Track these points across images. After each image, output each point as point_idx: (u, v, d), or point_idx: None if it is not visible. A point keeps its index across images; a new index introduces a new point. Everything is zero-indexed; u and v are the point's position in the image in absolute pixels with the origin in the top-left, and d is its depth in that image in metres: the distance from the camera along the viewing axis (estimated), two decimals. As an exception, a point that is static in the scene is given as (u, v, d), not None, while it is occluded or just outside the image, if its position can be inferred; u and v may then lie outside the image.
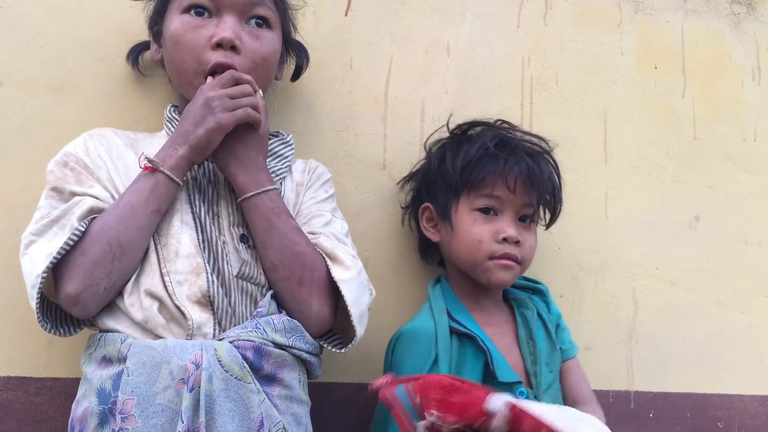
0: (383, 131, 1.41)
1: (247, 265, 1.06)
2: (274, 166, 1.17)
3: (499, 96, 1.47)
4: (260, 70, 1.14)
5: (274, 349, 1.01)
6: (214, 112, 1.04)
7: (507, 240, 1.20)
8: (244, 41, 1.12)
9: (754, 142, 1.58)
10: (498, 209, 1.22)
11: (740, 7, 1.63)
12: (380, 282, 1.35)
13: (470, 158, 1.22)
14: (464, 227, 1.23)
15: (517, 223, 1.23)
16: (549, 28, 1.52)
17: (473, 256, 1.22)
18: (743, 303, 1.52)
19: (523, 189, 1.21)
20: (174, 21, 1.12)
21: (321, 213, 1.16)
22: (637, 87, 1.54)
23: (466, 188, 1.23)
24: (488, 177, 1.21)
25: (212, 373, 0.94)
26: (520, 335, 1.24)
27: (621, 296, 1.47)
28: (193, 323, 1.00)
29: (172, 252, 1.03)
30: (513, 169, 1.20)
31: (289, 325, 1.04)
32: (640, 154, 1.52)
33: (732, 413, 1.48)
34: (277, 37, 1.18)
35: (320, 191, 1.21)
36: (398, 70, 1.43)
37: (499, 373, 1.14)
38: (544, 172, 1.24)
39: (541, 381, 1.19)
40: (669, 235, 1.51)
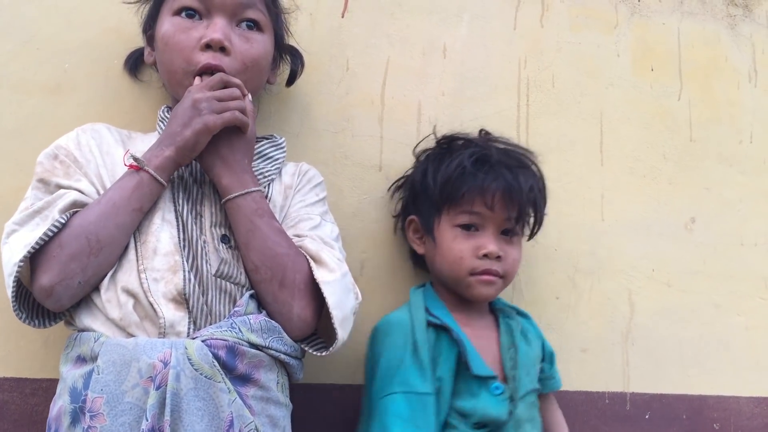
0: (379, 133, 1.41)
1: (226, 264, 1.06)
2: (262, 168, 1.17)
3: (496, 98, 1.48)
4: (250, 72, 1.13)
5: (248, 349, 1.00)
6: (201, 113, 1.04)
7: (488, 256, 1.20)
8: (234, 43, 1.12)
9: (750, 143, 1.58)
10: (479, 225, 1.22)
11: (736, 9, 1.63)
12: (376, 284, 1.35)
13: (449, 176, 1.22)
14: (446, 243, 1.23)
15: (499, 237, 1.23)
16: (545, 29, 1.52)
17: (455, 273, 1.23)
18: (739, 305, 1.52)
19: (503, 204, 1.21)
20: (165, 23, 1.13)
21: (309, 216, 1.15)
22: (633, 89, 1.55)
23: (446, 205, 1.23)
24: (467, 194, 1.21)
25: (180, 371, 0.93)
26: (502, 341, 1.24)
27: (617, 298, 1.47)
28: (165, 321, 0.99)
29: (151, 249, 1.03)
30: (491, 186, 1.20)
31: (266, 325, 1.03)
32: (637, 155, 1.53)
33: (728, 415, 1.48)
34: (269, 40, 1.18)
35: (310, 194, 1.20)
36: (395, 72, 1.43)
37: (473, 365, 1.16)
38: (524, 186, 1.22)
39: (519, 386, 1.19)
40: (665, 236, 1.51)
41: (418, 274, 1.38)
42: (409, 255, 1.37)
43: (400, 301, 1.31)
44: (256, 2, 1.14)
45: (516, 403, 1.18)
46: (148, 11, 1.20)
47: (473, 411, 1.14)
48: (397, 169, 1.40)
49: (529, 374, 1.23)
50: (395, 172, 1.40)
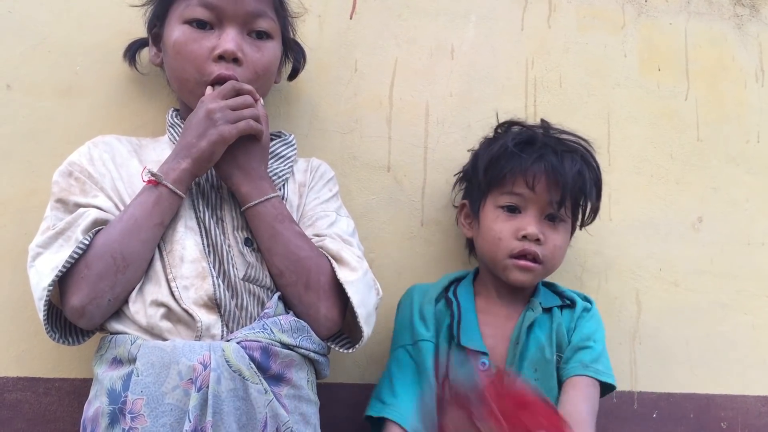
0: (388, 133, 1.42)
1: (253, 268, 1.08)
2: (276, 168, 1.18)
3: (503, 98, 1.48)
4: (261, 80, 1.15)
5: (281, 350, 1.02)
6: (216, 124, 1.05)
7: (527, 237, 1.21)
8: (246, 53, 1.13)
9: (758, 143, 1.58)
10: (521, 207, 1.23)
11: (743, 9, 1.63)
12: (384, 284, 1.33)
13: (492, 156, 1.25)
14: (487, 224, 1.25)
15: (542, 221, 1.23)
16: (552, 30, 1.53)
17: (493, 254, 1.24)
18: (746, 304, 1.52)
19: (545, 187, 1.21)
20: (175, 30, 1.13)
21: (326, 213, 1.17)
22: (640, 89, 1.55)
23: (490, 186, 1.25)
24: (509, 175, 1.22)
25: (220, 373, 0.95)
26: (512, 334, 1.24)
27: (624, 297, 1.48)
28: (201, 325, 1.01)
29: (177, 257, 1.05)
30: (533, 167, 1.21)
31: (295, 325, 1.05)
32: (644, 155, 1.53)
33: (735, 414, 1.48)
34: (278, 45, 1.19)
35: (324, 190, 1.21)
36: (403, 73, 1.44)
37: (463, 336, 1.21)
38: (569, 169, 1.22)
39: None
40: (672, 236, 1.51)
41: (426, 273, 1.39)
42: (465, 242, 1.39)
43: (409, 301, 1.32)
44: (266, 11, 1.15)
45: None
46: (153, 10, 1.20)
47: (455, 380, 1.18)
48: (405, 170, 1.41)
49: (540, 371, 1.22)
50: (403, 172, 1.41)
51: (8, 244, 1.19)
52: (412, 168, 1.41)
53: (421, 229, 1.40)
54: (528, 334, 1.24)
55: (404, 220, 1.40)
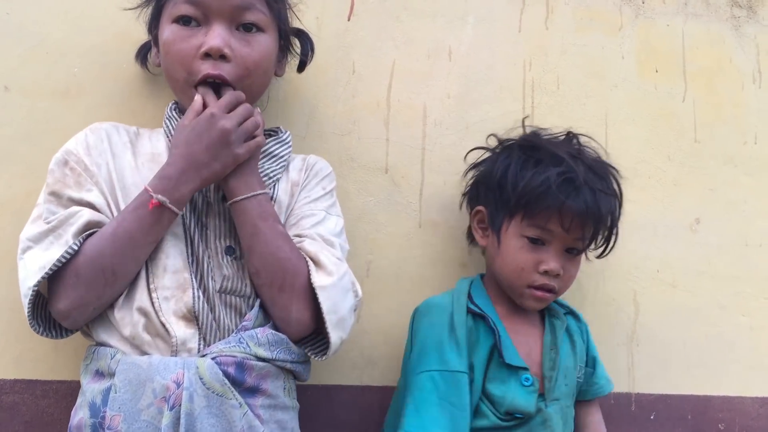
0: (385, 135, 1.42)
1: (229, 280, 1.07)
2: (267, 168, 1.16)
3: (501, 100, 1.48)
4: (253, 75, 1.12)
5: (256, 363, 1.03)
6: (231, 146, 1.05)
7: (548, 272, 1.21)
8: (234, 48, 1.10)
9: (755, 144, 1.58)
10: (546, 240, 1.22)
11: (741, 11, 1.63)
12: (382, 286, 1.37)
13: (532, 188, 1.19)
14: (510, 251, 1.23)
15: (563, 254, 1.23)
16: (550, 32, 1.53)
17: (512, 281, 1.24)
18: (744, 305, 1.52)
19: (578, 226, 1.20)
20: (165, 30, 1.12)
21: (312, 212, 1.15)
22: (637, 90, 1.55)
23: (520, 213, 1.22)
24: (544, 212, 1.19)
25: (193, 391, 0.96)
26: (545, 340, 1.25)
27: (622, 299, 1.48)
28: (176, 340, 1.02)
29: (161, 267, 1.05)
30: (571, 208, 1.18)
31: (273, 338, 1.05)
32: (641, 157, 1.53)
33: (733, 415, 1.48)
34: (271, 38, 1.16)
35: (316, 189, 1.19)
36: (400, 75, 1.44)
37: (505, 353, 1.17)
38: (603, 210, 1.20)
39: (555, 388, 1.20)
40: (670, 237, 1.51)
41: (423, 275, 1.39)
42: (466, 231, 1.37)
43: (405, 303, 1.32)
44: (254, 3, 1.12)
45: (547, 402, 1.19)
46: (151, 12, 1.20)
47: (503, 398, 1.16)
48: (402, 171, 1.41)
49: (567, 378, 1.24)
50: (401, 174, 1.41)
51: (6, 245, 1.19)
52: (410, 170, 1.41)
53: (418, 230, 1.40)
54: (562, 341, 1.26)
55: (402, 221, 1.40)
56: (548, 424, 1.18)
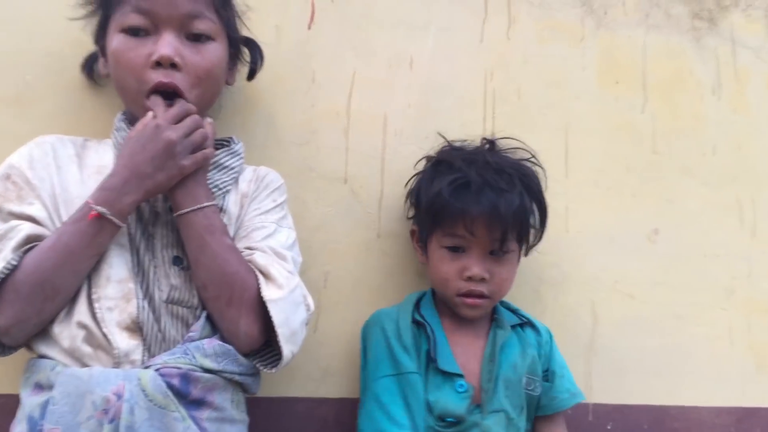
0: (345, 145, 1.41)
1: (176, 290, 1.06)
2: (217, 180, 1.15)
3: (462, 110, 1.48)
4: (204, 84, 1.12)
5: (202, 374, 1.01)
6: (176, 157, 1.03)
7: (472, 278, 1.22)
8: (185, 56, 1.09)
9: (713, 156, 1.60)
10: (465, 246, 1.23)
11: (701, 23, 1.65)
12: (339, 297, 1.36)
13: (430, 199, 1.24)
14: (434, 263, 1.27)
15: (486, 258, 1.24)
16: (512, 42, 1.53)
17: (443, 292, 1.27)
18: (700, 315, 1.54)
19: (486, 229, 1.21)
20: (114, 39, 1.10)
21: (263, 225, 1.14)
22: (598, 101, 1.56)
23: (433, 225, 1.25)
24: (448, 220, 1.22)
25: (134, 404, 0.95)
26: (485, 352, 1.25)
27: (580, 309, 1.49)
28: (119, 351, 1.00)
29: (103, 277, 1.03)
30: (471, 212, 1.20)
31: (220, 349, 1.04)
32: (601, 168, 1.54)
33: (689, 425, 1.50)
34: (221, 46, 1.15)
35: (266, 201, 1.18)
36: (361, 84, 1.43)
37: (440, 360, 1.20)
38: (507, 209, 1.20)
39: (493, 400, 1.21)
40: (628, 248, 1.52)
41: (381, 286, 1.38)
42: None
43: (364, 314, 1.32)
44: (203, 11, 1.11)
45: (485, 414, 1.20)
46: (98, 21, 1.18)
47: (436, 402, 1.18)
48: (362, 181, 1.40)
49: (510, 390, 1.23)
50: (360, 184, 1.40)
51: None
52: (369, 180, 1.41)
53: (377, 241, 1.40)
54: (502, 352, 1.26)
55: (361, 232, 1.39)
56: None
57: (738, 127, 1.62)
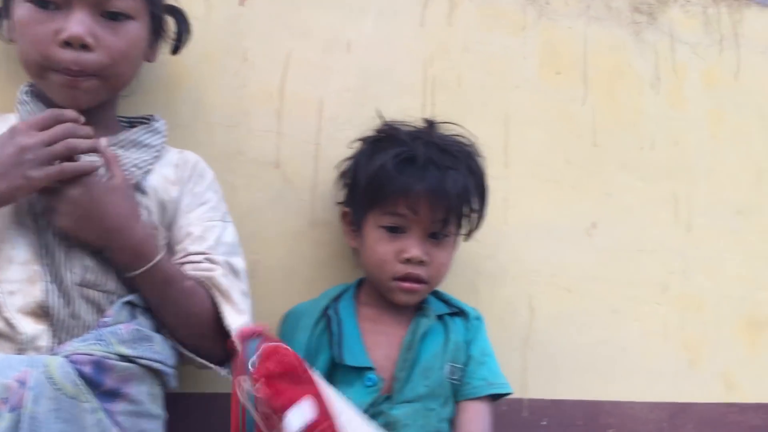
0: (277, 128, 1.34)
1: (90, 272, 0.98)
2: (135, 158, 1.07)
3: (401, 96, 1.43)
4: (119, 66, 1.04)
5: (118, 363, 0.94)
6: (22, 165, 0.91)
7: (410, 261, 1.17)
8: (99, 36, 1.00)
9: (652, 151, 1.60)
10: (404, 227, 1.18)
11: (641, 17, 1.64)
12: (270, 287, 1.29)
13: (371, 174, 1.17)
14: (370, 244, 1.20)
15: (426, 240, 1.19)
16: (453, 28, 1.49)
17: (377, 276, 1.20)
18: (636, 310, 1.53)
19: (428, 207, 1.16)
20: (19, 7, 1.01)
21: (213, 224, 1.10)
22: (539, 92, 1.53)
23: (372, 204, 1.19)
24: (390, 196, 1.16)
25: (39, 393, 0.87)
26: (404, 340, 1.21)
27: (517, 303, 1.46)
28: (24, 337, 0.92)
29: (5, 259, 0.95)
30: (415, 189, 1.15)
31: (138, 334, 0.97)
32: (541, 159, 1.52)
33: (623, 420, 1.49)
34: (141, 24, 1.07)
35: (209, 193, 1.13)
36: (296, 66, 1.37)
37: (346, 355, 1.14)
38: (453, 188, 1.17)
39: (406, 389, 1.16)
40: (566, 241, 1.51)
41: (313, 276, 1.33)
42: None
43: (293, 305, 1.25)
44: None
45: (394, 404, 1.15)
46: None
47: None
48: (295, 167, 1.34)
49: (429, 378, 1.19)
50: (293, 169, 1.34)
51: None
52: (303, 166, 1.35)
53: (310, 230, 1.34)
54: (422, 341, 1.21)
55: (292, 220, 1.33)
56: (394, 427, 1.13)
57: (675, 122, 1.62)
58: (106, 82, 1.04)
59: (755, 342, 1.60)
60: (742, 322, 1.60)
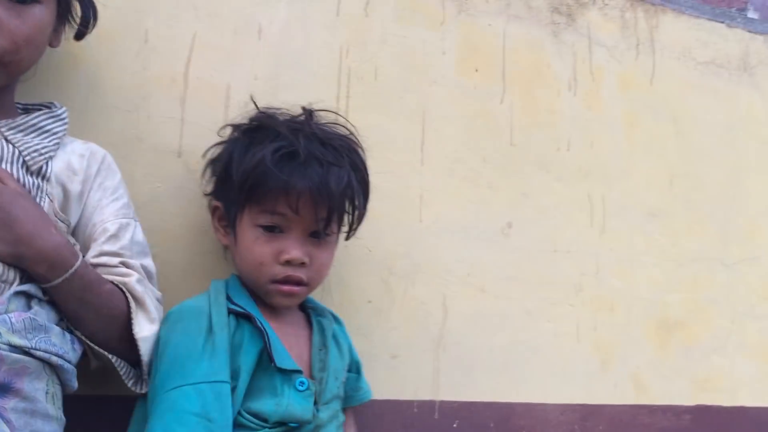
0: (181, 115, 1.27)
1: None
2: (36, 144, 1.02)
3: (314, 86, 1.38)
4: (23, 51, 0.98)
5: (9, 354, 0.86)
6: None
7: (290, 262, 1.10)
8: (2, 20, 0.95)
9: (567, 151, 1.59)
10: (283, 226, 1.11)
11: (561, 17, 1.64)
12: (170, 283, 1.20)
13: (249, 170, 1.09)
14: (246, 244, 1.12)
15: (306, 240, 1.12)
16: (370, 19, 1.45)
17: (254, 278, 1.13)
18: (549, 311, 1.52)
19: (311, 206, 1.09)
20: None
21: (127, 222, 1.08)
22: (457, 89, 1.50)
23: (248, 201, 1.10)
24: (269, 194, 1.08)
25: None
26: (314, 340, 1.16)
27: (431, 302, 1.43)
28: None
29: None
30: (297, 187, 1.07)
31: (31, 324, 0.89)
32: (457, 157, 1.49)
33: (534, 422, 1.47)
34: (48, 9, 1.02)
35: (120, 190, 1.10)
36: (202, 49, 1.30)
37: (276, 357, 1.06)
38: (337, 185, 1.10)
39: (326, 390, 1.11)
40: (482, 241, 1.48)
41: (216, 270, 1.25)
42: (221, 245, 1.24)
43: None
44: None
45: (320, 407, 1.10)
46: None
47: (275, 410, 1.04)
48: (199, 156, 1.26)
49: (337, 380, 1.15)
50: (197, 158, 1.26)
51: None
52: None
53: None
54: (331, 340, 1.17)
55: (196, 212, 1.25)
56: (321, 431, 1.09)
57: (591, 124, 1.63)
58: (6, 68, 0.98)
59: (664, 344, 1.62)
60: (653, 324, 1.62)
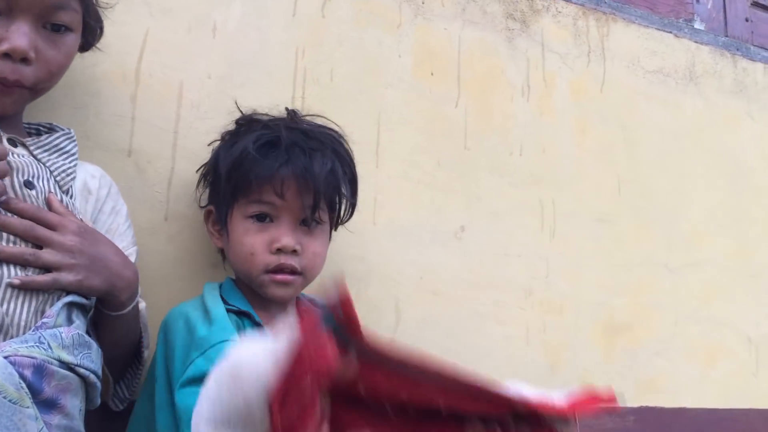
0: (131, 113, 1.24)
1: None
2: (63, 165, 1.03)
3: (269, 86, 1.36)
4: (55, 79, 1.01)
5: (58, 369, 0.85)
6: None
7: (282, 250, 1.10)
8: (40, 50, 0.95)
9: (520, 156, 1.61)
10: (273, 215, 1.11)
11: (515, 23, 1.66)
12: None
13: (233, 161, 1.10)
14: (237, 237, 1.12)
15: (297, 229, 1.12)
16: (327, 20, 1.44)
17: (248, 270, 1.12)
18: (501, 314, 1.53)
19: (297, 192, 1.10)
20: None
21: (135, 248, 1.10)
22: (412, 92, 1.51)
23: (236, 194, 1.11)
24: (254, 182, 1.09)
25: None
26: None
27: (384, 305, 1.42)
28: None
29: None
30: (280, 172, 1.08)
31: (78, 340, 0.89)
32: (412, 160, 1.49)
33: (485, 424, 1.48)
34: (78, 35, 1.03)
35: (123, 211, 1.12)
36: (154, 46, 1.27)
37: None
38: (321, 170, 1.11)
39: None
40: (435, 244, 1.48)
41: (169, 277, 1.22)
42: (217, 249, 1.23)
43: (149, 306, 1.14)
44: (70, 1, 0.98)
45: None
46: None
47: None
48: (149, 155, 1.24)
49: None
50: (147, 158, 1.24)
51: None
52: (159, 155, 1.24)
53: (164, 224, 1.24)
54: None
55: (145, 212, 1.22)
56: None
57: (543, 129, 1.65)
58: (36, 94, 1.00)
59: (611, 346, 1.65)
60: (600, 327, 1.65)
